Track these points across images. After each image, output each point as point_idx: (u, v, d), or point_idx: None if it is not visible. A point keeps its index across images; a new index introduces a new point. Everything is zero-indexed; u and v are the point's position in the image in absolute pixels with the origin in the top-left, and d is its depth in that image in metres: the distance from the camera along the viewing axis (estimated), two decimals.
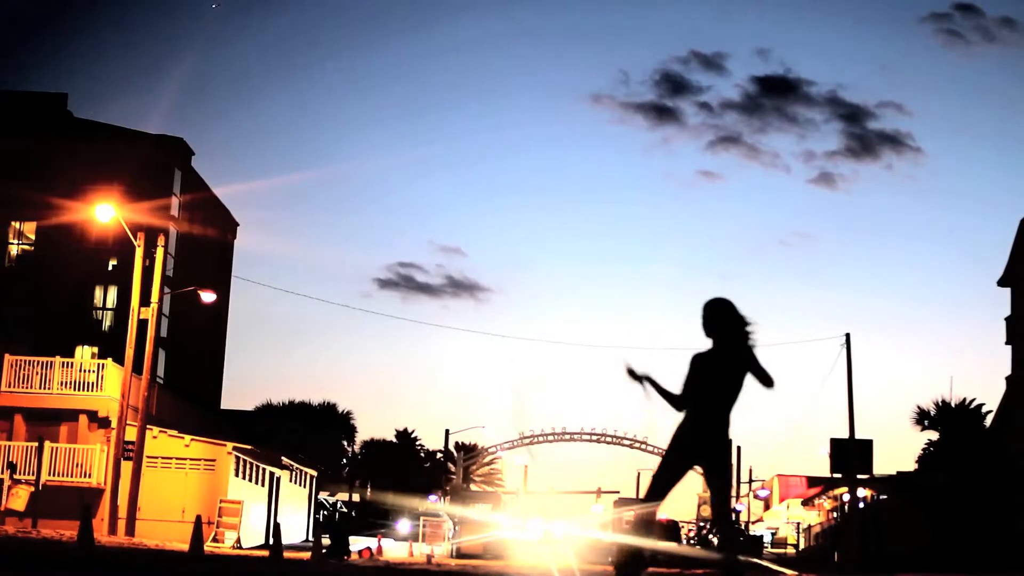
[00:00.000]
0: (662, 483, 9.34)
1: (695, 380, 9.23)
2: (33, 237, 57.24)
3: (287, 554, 25.20)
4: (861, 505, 47.66)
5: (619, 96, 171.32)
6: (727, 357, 9.18)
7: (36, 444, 35.17)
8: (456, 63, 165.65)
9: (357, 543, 36.32)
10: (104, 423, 37.66)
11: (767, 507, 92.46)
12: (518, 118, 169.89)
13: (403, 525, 54.30)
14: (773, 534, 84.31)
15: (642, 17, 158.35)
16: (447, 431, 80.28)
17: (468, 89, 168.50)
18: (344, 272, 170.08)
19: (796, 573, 25.37)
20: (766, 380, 9.23)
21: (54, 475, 36.02)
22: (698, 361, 9.26)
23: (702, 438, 9.15)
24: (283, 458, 46.59)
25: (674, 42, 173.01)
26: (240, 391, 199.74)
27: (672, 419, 9.27)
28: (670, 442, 9.29)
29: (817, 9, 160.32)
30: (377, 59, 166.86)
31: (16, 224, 57.38)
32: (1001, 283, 47.30)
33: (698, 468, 9.30)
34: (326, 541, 32.54)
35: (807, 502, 71.92)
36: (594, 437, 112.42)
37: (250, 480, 42.23)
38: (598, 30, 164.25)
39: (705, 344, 9.35)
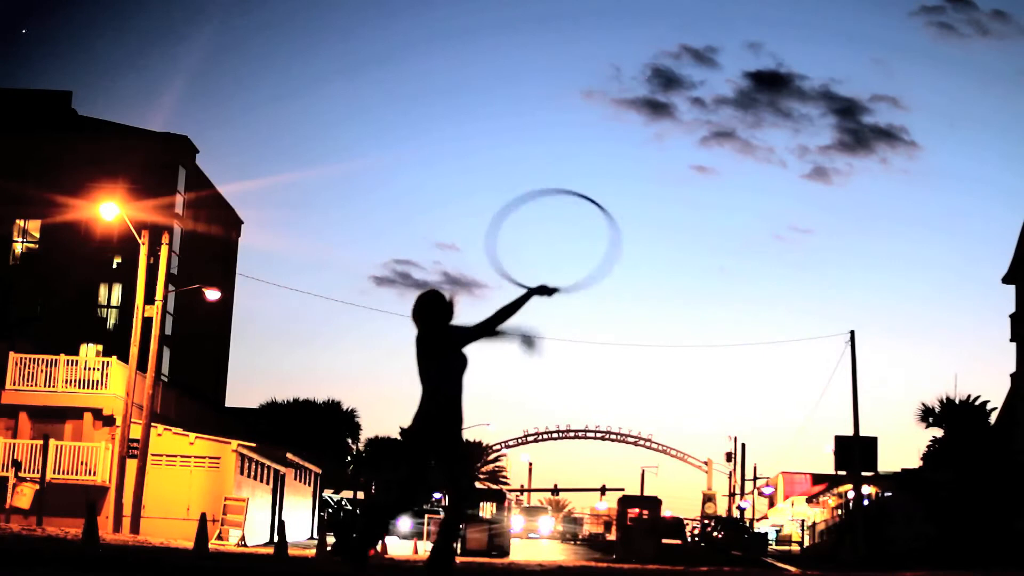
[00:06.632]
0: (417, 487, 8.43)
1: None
2: (38, 235, 57.29)
3: (292, 552, 25.21)
4: (866, 502, 47.64)
5: (611, 92, 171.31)
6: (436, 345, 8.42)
7: (41, 442, 35.18)
8: (450, 62, 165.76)
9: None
10: (109, 421, 37.70)
11: (772, 504, 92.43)
12: (511, 114, 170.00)
13: (407, 523, 54.32)
14: (778, 531, 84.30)
15: (632, 7, 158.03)
16: None
17: (462, 87, 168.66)
18: (342, 270, 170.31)
19: (800, 571, 25.40)
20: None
21: (59, 473, 36.04)
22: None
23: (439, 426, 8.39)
24: (288, 456, 46.61)
25: (664, 36, 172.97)
26: (244, 389, 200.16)
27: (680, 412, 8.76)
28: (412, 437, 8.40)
29: (808, 2, 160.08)
30: (375, 61, 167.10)
31: (21, 222, 57.44)
32: (1006, 280, 47.22)
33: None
34: (331, 539, 32.61)
35: (812, 499, 71.89)
36: (598, 434, 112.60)
37: (254, 478, 42.25)
38: (588, 23, 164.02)
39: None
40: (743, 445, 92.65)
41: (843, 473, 48.59)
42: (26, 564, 12.40)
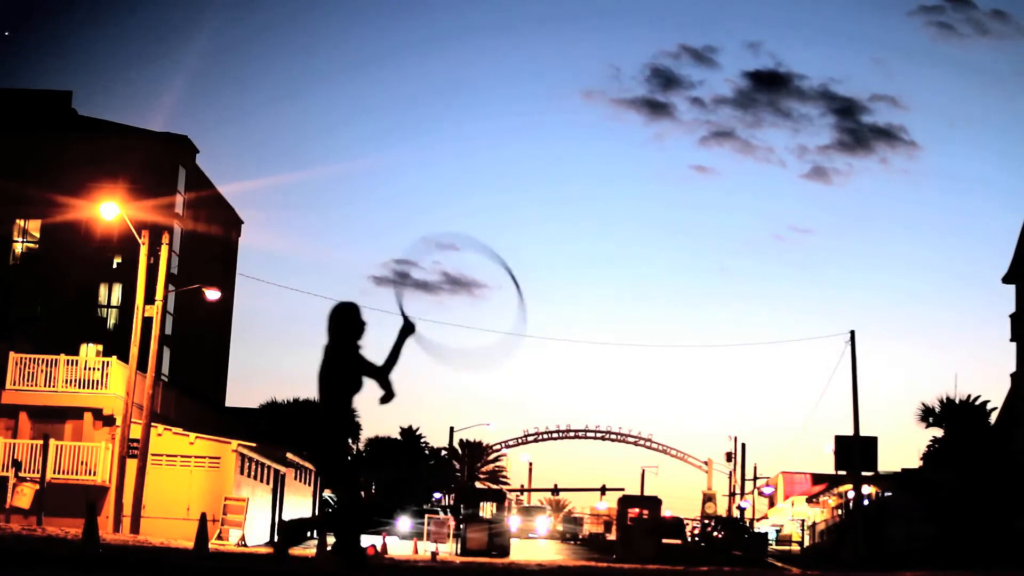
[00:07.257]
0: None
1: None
2: (38, 235, 57.28)
3: (292, 551, 25.20)
4: (866, 502, 47.63)
5: (611, 92, 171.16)
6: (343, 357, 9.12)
7: (41, 442, 35.20)
8: (450, 62, 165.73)
9: (362, 541, 36.29)
10: (109, 421, 37.71)
11: (772, 504, 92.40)
12: (511, 114, 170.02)
13: (407, 523, 54.29)
14: (778, 531, 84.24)
15: (631, 7, 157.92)
16: (452, 428, 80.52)
17: (462, 87, 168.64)
18: (342, 270, 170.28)
19: (800, 571, 25.39)
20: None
21: (59, 473, 36.06)
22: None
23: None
24: (288, 456, 46.62)
25: (663, 36, 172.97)
26: (244, 389, 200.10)
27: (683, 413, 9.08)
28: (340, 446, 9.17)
29: (807, 2, 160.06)
30: (375, 60, 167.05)
31: (21, 222, 57.43)
32: (1006, 280, 47.21)
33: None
34: (331, 539, 32.57)
35: (812, 499, 71.86)
36: (598, 434, 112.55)
37: (255, 478, 42.26)
38: (588, 23, 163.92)
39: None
40: (743, 445, 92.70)
41: (843, 473, 48.59)
42: (26, 564, 12.40)
